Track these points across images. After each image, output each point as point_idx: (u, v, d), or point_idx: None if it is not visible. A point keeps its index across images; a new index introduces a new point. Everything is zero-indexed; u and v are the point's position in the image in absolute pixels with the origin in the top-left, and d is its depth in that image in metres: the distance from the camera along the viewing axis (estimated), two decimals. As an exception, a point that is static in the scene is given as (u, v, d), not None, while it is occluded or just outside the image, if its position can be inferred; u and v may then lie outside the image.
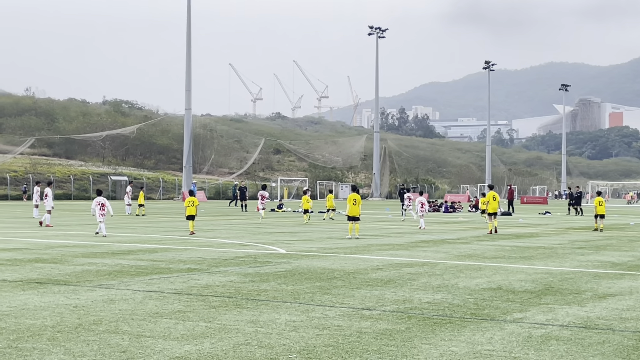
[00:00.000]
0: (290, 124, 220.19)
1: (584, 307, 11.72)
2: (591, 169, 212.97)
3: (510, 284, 14.25)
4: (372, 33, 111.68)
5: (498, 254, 20.98)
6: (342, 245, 23.26)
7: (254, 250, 21.07)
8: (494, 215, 31.04)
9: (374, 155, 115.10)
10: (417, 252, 21.28)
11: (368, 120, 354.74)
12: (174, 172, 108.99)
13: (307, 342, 8.89)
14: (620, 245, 24.99)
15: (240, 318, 10.41)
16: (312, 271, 16.01)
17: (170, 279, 14.48)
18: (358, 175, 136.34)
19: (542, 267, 17.56)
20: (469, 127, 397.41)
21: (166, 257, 18.95)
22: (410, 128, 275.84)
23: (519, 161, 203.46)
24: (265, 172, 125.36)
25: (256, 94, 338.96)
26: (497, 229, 30.96)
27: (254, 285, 13.76)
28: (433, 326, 10.00)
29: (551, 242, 26.07)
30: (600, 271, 16.88)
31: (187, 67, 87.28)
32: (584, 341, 9.16)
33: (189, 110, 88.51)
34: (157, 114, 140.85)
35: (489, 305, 11.73)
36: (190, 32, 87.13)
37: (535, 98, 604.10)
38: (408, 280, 14.73)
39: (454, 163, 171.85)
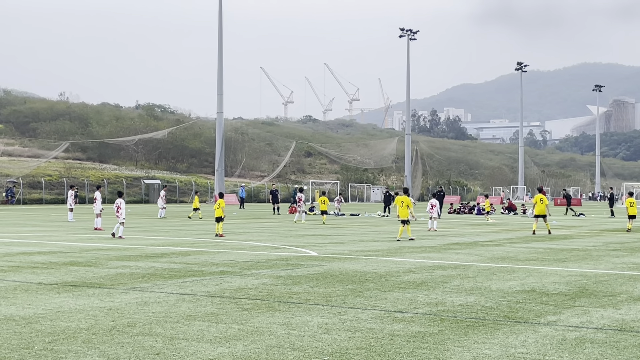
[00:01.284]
0: (322, 126, 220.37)
1: (618, 309, 11.59)
2: (626, 170, 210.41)
3: (543, 287, 14.13)
4: (403, 35, 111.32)
5: (531, 256, 20.82)
6: (374, 248, 23.23)
7: (286, 253, 21.12)
8: (543, 217, 31.41)
9: (406, 158, 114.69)
10: (450, 254, 21.18)
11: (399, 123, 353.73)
12: (206, 176, 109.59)
13: (339, 345, 8.90)
14: (656, 247, 24.66)
15: (273, 320, 10.44)
16: (344, 274, 16.01)
17: (203, 282, 14.57)
18: (390, 177, 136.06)
19: (576, 269, 17.40)
20: (502, 128, 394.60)
21: (199, 259, 19.06)
22: (442, 130, 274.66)
23: (552, 163, 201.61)
24: (296, 175, 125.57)
25: (287, 97, 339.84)
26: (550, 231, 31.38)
27: (286, 287, 13.79)
28: (466, 329, 9.96)
29: (585, 244, 25.82)
30: (636, 273, 16.69)
31: (219, 70, 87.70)
32: (619, 344, 9.07)
33: (220, 113, 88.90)
34: (189, 117, 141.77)
35: (523, 308, 11.65)
36: (221, 35, 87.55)
37: (569, 99, 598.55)
38: (440, 282, 14.67)
39: (486, 165, 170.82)
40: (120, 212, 27.56)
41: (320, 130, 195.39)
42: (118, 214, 27.53)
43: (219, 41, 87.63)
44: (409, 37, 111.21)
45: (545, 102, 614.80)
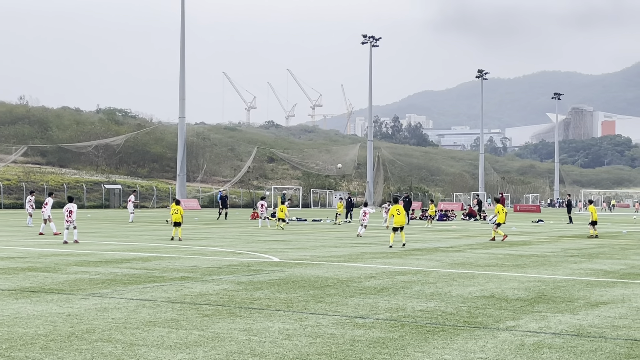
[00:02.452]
0: (284, 132, 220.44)
1: (576, 315, 11.76)
2: (584, 177, 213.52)
3: (503, 292, 14.29)
4: (365, 42, 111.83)
5: (491, 262, 21.02)
6: (335, 254, 23.27)
7: (248, 259, 21.07)
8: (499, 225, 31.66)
9: (368, 164, 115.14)
10: (411, 260, 21.31)
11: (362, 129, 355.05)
12: (167, 181, 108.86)
13: (300, 351, 8.91)
14: (613, 253, 25.06)
15: (234, 326, 10.42)
16: (306, 279, 16.02)
17: (164, 288, 14.48)
18: (351, 183, 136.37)
19: (535, 275, 17.61)
20: (463, 135, 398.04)
21: (160, 265, 18.94)
22: (404, 136, 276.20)
23: (512, 169, 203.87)
24: (259, 181, 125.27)
25: (250, 103, 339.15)
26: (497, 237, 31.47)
27: (248, 293, 13.76)
28: (426, 334, 10.03)
29: (544, 250, 26.13)
30: (593, 279, 16.94)
31: (181, 75, 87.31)
32: (576, 349, 9.20)
33: (182, 118, 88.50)
34: (150, 122, 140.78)
35: (482, 314, 11.76)
36: (184, 40, 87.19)
37: (528, 107, 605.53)
38: (401, 288, 14.75)
39: (448, 171, 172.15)
40: (73, 216, 27.20)
41: (283, 136, 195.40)
42: (70, 219, 27.13)
43: (181, 46, 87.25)
44: (372, 44, 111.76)
45: (506, 110, 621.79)
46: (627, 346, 9.43)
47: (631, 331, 10.43)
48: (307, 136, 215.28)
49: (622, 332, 10.34)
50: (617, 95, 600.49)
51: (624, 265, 20.61)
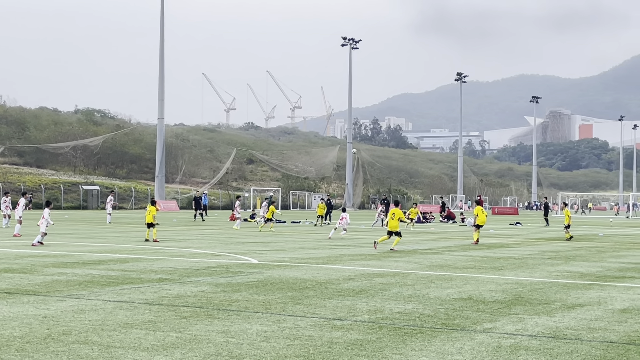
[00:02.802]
0: (264, 134, 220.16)
1: (552, 317, 11.84)
2: (561, 180, 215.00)
3: (480, 294, 14.35)
4: (345, 44, 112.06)
5: (469, 264, 21.11)
6: (314, 256, 23.28)
7: (226, 260, 21.02)
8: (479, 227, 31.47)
9: (347, 166, 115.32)
10: (389, 262, 21.35)
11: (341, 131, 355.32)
12: (146, 182, 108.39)
13: (278, 353, 8.90)
14: (589, 255, 25.24)
15: (212, 328, 10.39)
16: (284, 281, 16.01)
17: (141, 289, 14.41)
18: (331, 185, 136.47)
19: (512, 277, 17.70)
20: (442, 138, 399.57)
21: (137, 267, 18.85)
22: (383, 139, 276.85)
23: (491, 172, 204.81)
24: (238, 182, 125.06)
25: (229, 104, 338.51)
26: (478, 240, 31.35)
27: (226, 295, 13.73)
28: (404, 336, 10.05)
29: (521, 252, 26.28)
30: (569, 281, 17.05)
31: (160, 76, 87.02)
32: (553, 351, 9.26)
33: (161, 119, 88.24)
34: (129, 123, 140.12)
35: (460, 316, 11.81)
36: (163, 41, 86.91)
37: (507, 110, 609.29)
38: (380, 290, 14.78)
39: (426, 174, 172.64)
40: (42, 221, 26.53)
41: (263, 138, 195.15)
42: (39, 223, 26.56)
43: (160, 46, 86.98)
44: (351, 46, 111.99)
45: (484, 113, 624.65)
46: (602, 348, 9.50)
47: (607, 333, 10.51)
48: (287, 138, 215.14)
49: (598, 334, 10.41)
50: (594, 99, 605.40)
51: (601, 267, 20.77)
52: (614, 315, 12.08)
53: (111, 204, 49.04)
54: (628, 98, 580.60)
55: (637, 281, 17.35)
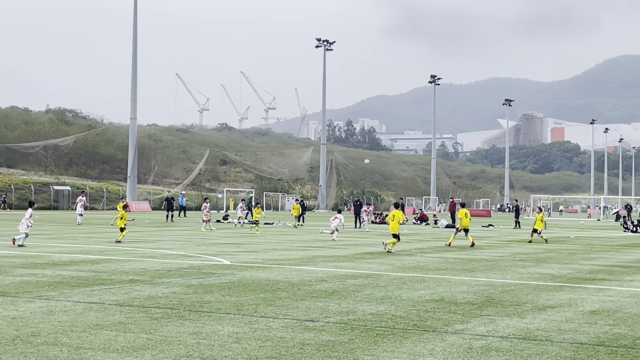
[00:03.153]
0: (237, 135, 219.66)
1: (523, 318, 11.90)
2: (533, 183, 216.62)
3: (452, 296, 14.40)
4: (319, 45, 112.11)
5: (441, 265, 21.19)
6: (287, 257, 23.24)
7: (198, 262, 20.92)
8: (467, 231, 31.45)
9: (321, 167, 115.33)
10: (362, 264, 21.37)
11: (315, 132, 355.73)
12: (118, 182, 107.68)
13: (249, 354, 8.86)
14: (561, 258, 25.44)
15: (183, 330, 10.32)
16: (257, 282, 15.96)
17: (112, 290, 14.29)
18: (304, 186, 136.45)
19: (484, 279, 17.79)
20: (415, 140, 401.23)
21: (108, 268, 18.70)
22: (357, 140, 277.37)
23: (464, 174, 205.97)
24: (211, 183, 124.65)
25: (203, 105, 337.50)
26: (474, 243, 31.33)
27: (198, 296, 13.66)
28: (375, 337, 10.05)
29: (493, 254, 26.42)
30: (541, 283, 17.16)
31: (133, 76, 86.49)
32: (523, 352, 9.31)
33: (134, 119, 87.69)
34: (101, 123, 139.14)
35: (431, 317, 11.84)
36: (136, 40, 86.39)
37: (480, 112, 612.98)
38: (352, 292, 14.78)
39: (400, 176, 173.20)
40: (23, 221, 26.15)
41: (236, 139, 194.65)
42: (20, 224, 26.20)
43: (133, 46, 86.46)
44: (326, 48, 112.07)
45: (458, 115, 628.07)
46: (572, 350, 9.57)
47: (577, 335, 10.59)
48: (260, 139, 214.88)
49: (568, 336, 10.48)
50: (566, 102, 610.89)
51: (571, 269, 20.94)
52: (584, 317, 12.17)
53: (81, 204, 48.58)
54: (599, 102, 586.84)
55: (607, 283, 17.51)
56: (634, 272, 20.56)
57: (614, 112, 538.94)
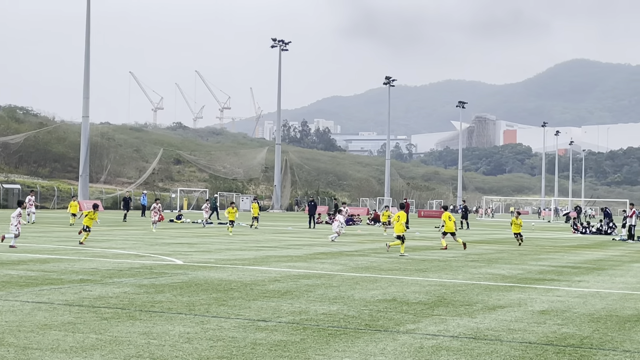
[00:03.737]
0: (192, 134, 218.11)
1: (474, 318, 12.02)
2: (486, 185, 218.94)
3: (404, 296, 14.48)
4: (275, 45, 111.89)
5: (394, 266, 21.30)
6: (240, 257, 23.16)
7: (150, 261, 20.73)
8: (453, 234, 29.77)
9: (275, 168, 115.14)
10: (315, 264, 21.38)
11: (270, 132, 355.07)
12: (69, 181, 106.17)
13: (200, 354, 8.80)
14: (511, 258, 25.76)
15: (133, 330, 10.22)
16: (209, 282, 15.87)
17: (62, 290, 14.09)
18: (259, 187, 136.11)
19: (436, 279, 17.93)
20: (370, 141, 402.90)
21: (58, 267, 18.44)
22: (312, 141, 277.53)
23: (417, 175, 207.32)
24: (164, 183, 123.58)
25: (157, 103, 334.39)
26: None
27: (149, 296, 13.53)
28: (327, 337, 10.06)
29: (445, 255, 26.64)
30: (491, 284, 17.36)
31: (86, 73, 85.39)
32: (473, 351, 9.40)
33: (86, 117, 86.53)
34: (53, 121, 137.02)
35: (383, 317, 11.89)
36: (89, 37, 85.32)
37: (434, 114, 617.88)
38: (305, 292, 14.78)
39: (354, 176, 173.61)
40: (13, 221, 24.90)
41: (190, 138, 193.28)
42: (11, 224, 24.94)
43: (86, 43, 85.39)
44: (281, 48, 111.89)
45: (412, 117, 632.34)
46: (521, 349, 9.69)
47: (526, 334, 10.72)
48: (215, 139, 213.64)
49: (518, 335, 10.62)
50: (518, 105, 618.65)
51: (521, 270, 21.21)
52: (533, 317, 12.33)
53: (30, 203, 47.63)
54: (551, 105, 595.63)
55: (556, 283, 17.78)
56: (582, 272, 20.90)
57: (565, 115, 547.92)
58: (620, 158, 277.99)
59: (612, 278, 19.46)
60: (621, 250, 33.01)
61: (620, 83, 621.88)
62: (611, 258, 27.44)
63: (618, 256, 28.61)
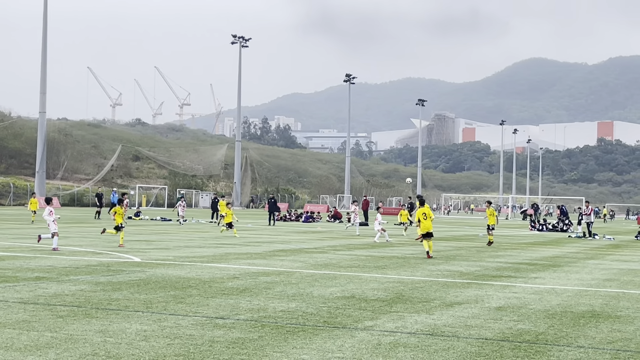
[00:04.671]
0: (151, 130, 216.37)
1: (431, 315, 12.11)
2: (445, 182, 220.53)
3: (363, 293, 14.53)
4: (235, 42, 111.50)
5: (353, 263, 21.36)
6: (199, 254, 23.04)
7: (108, 259, 20.53)
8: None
9: (235, 164, 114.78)
10: (275, 261, 21.36)
11: (230, 129, 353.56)
12: (26, 177, 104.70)
13: (157, 352, 8.74)
14: (469, 255, 26.00)
15: (89, 328, 10.11)
16: (167, 280, 15.77)
17: (17, 288, 13.89)
18: (219, 183, 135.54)
19: (395, 276, 18.02)
20: (330, 138, 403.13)
21: (13, 265, 18.17)
22: (273, 138, 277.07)
23: (377, 173, 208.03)
24: (123, 179, 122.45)
25: (115, 99, 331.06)
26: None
27: (106, 294, 13.41)
28: (286, 334, 10.06)
29: (404, 252, 26.79)
30: (449, 280, 17.50)
31: (42, 68, 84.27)
32: (430, 348, 9.46)
33: (43, 113, 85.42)
34: (9, 116, 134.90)
35: (342, 314, 11.92)
36: (46, 31, 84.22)
37: (394, 112, 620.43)
38: (264, 289, 14.76)
39: (315, 173, 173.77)
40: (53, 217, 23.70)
41: (149, 134, 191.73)
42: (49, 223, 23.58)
43: (43, 37, 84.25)
44: (241, 44, 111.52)
45: (372, 114, 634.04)
46: (478, 345, 9.78)
47: (482, 330, 10.83)
48: (175, 135, 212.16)
49: (474, 332, 10.72)
50: (477, 103, 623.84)
51: (479, 267, 21.41)
52: (490, 313, 12.46)
53: None
54: (509, 103, 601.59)
55: (513, 280, 17.98)
56: (538, 269, 21.17)
57: (523, 113, 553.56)
58: (577, 156, 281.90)
59: (567, 275, 19.74)
60: (577, 247, 33.51)
61: (577, 82, 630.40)
62: (567, 255, 27.84)
63: (574, 253, 29.04)
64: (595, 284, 17.73)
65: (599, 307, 13.57)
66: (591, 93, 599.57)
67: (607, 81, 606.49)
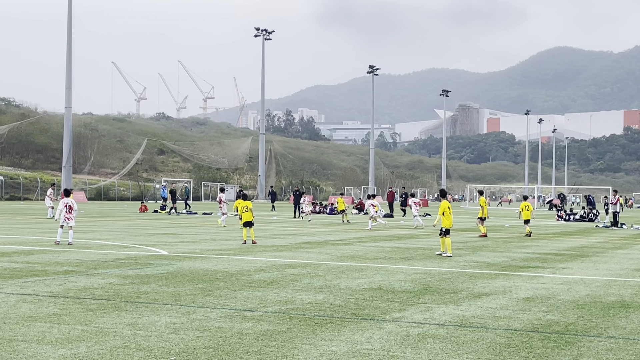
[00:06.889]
0: (175, 124, 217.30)
1: (459, 306, 12.07)
2: (469, 173, 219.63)
3: (390, 284, 14.52)
4: (258, 35, 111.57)
5: (379, 254, 21.35)
6: (225, 247, 23.13)
7: (135, 252, 20.68)
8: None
9: (260, 157, 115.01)
10: (301, 253, 21.39)
11: (254, 122, 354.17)
12: (52, 172, 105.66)
13: (186, 345, 8.80)
14: (496, 246, 25.87)
15: (119, 321, 10.19)
16: (194, 273, 15.85)
17: (46, 282, 14.03)
18: (243, 176, 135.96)
19: (421, 267, 17.98)
20: (354, 130, 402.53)
21: (42, 259, 18.35)
22: (296, 130, 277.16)
23: (402, 164, 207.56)
24: (148, 173, 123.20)
25: (140, 94, 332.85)
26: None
27: (134, 287, 13.50)
28: (314, 326, 10.08)
29: (430, 243, 26.72)
30: (476, 271, 17.43)
31: (68, 63, 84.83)
32: (459, 339, 9.44)
33: (69, 108, 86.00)
34: (35, 112, 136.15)
35: (369, 305, 11.92)
36: (71, 27, 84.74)
37: (418, 103, 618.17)
38: (291, 281, 14.79)
39: (339, 165, 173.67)
40: (73, 213, 23.38)
41: (174, 128, 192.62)
42: (70, 215, 23.26)
43: (68, 33, 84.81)
44: (264, 37, 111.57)
45: (396, 105, 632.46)
46: (507, 336, 9.74)
47: (511, 321, 10.78)
48: (199, 129, 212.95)
49: (503, 323, 10.67)
50: (501, 93, 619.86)
51: (506, 257, 21.31)
52: (518, 304, 12.40)
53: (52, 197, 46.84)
54: (534, 93, 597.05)
55: (540, 271, 17.87)
56: (566, 259, 21.03)
57: (548, 103, 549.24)
58: (603, 145, 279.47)
59: (595, 265, 19.59)
60: (604, 237, 33.24)
61: (602, 70, 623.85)
62: (595, 245, 27.62)
63: (601, 243, 28.81)
64: (624, 273, 17.58)
65: (628, 297, 13.46)
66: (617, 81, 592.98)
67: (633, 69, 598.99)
